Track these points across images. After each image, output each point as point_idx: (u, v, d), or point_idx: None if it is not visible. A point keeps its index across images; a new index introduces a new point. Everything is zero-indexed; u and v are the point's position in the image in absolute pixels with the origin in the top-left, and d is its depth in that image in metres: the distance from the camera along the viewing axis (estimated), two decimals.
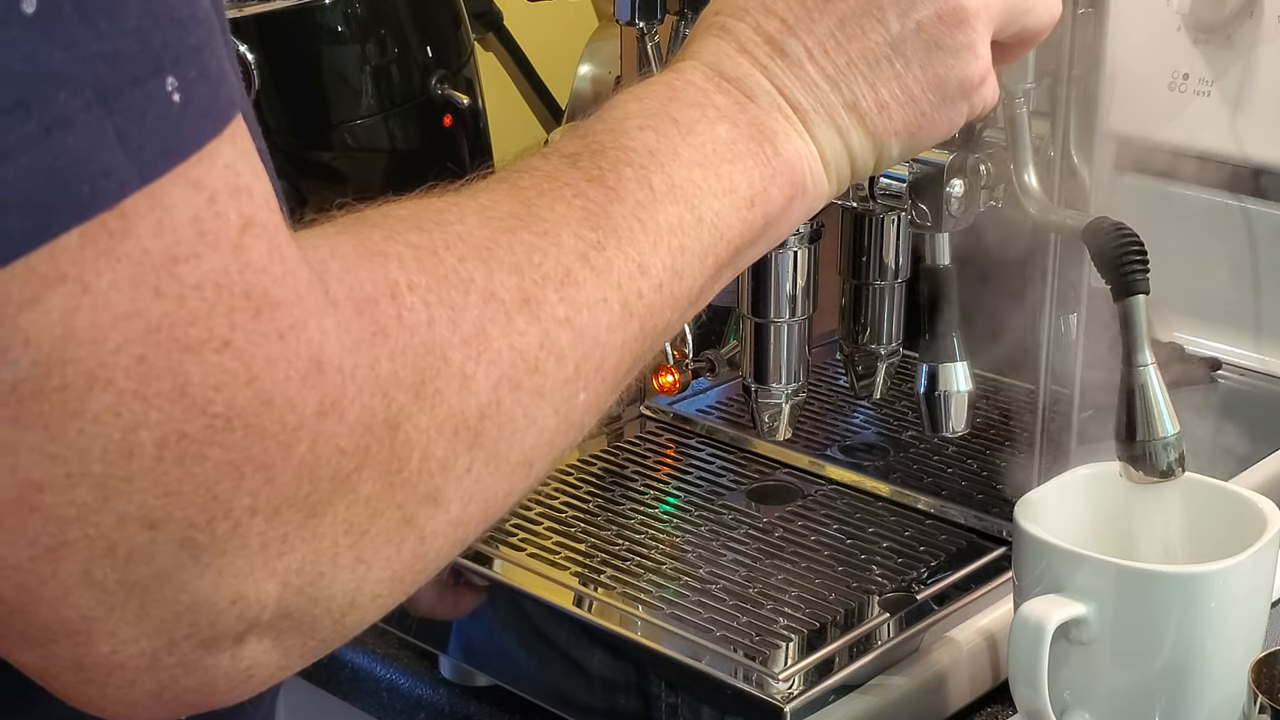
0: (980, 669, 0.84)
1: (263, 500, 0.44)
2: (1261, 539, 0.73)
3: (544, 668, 0.86)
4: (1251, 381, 1.09)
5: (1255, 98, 1.04)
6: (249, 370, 0.43)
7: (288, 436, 0.43)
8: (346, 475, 0.45)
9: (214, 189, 0.43)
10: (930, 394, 0.80)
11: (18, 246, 0.40)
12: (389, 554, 0.47)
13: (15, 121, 0.39)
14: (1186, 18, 1.05)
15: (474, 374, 0.49)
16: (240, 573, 0.44)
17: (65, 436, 0.41)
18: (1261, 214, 1.08)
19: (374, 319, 0.47)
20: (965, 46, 0.65)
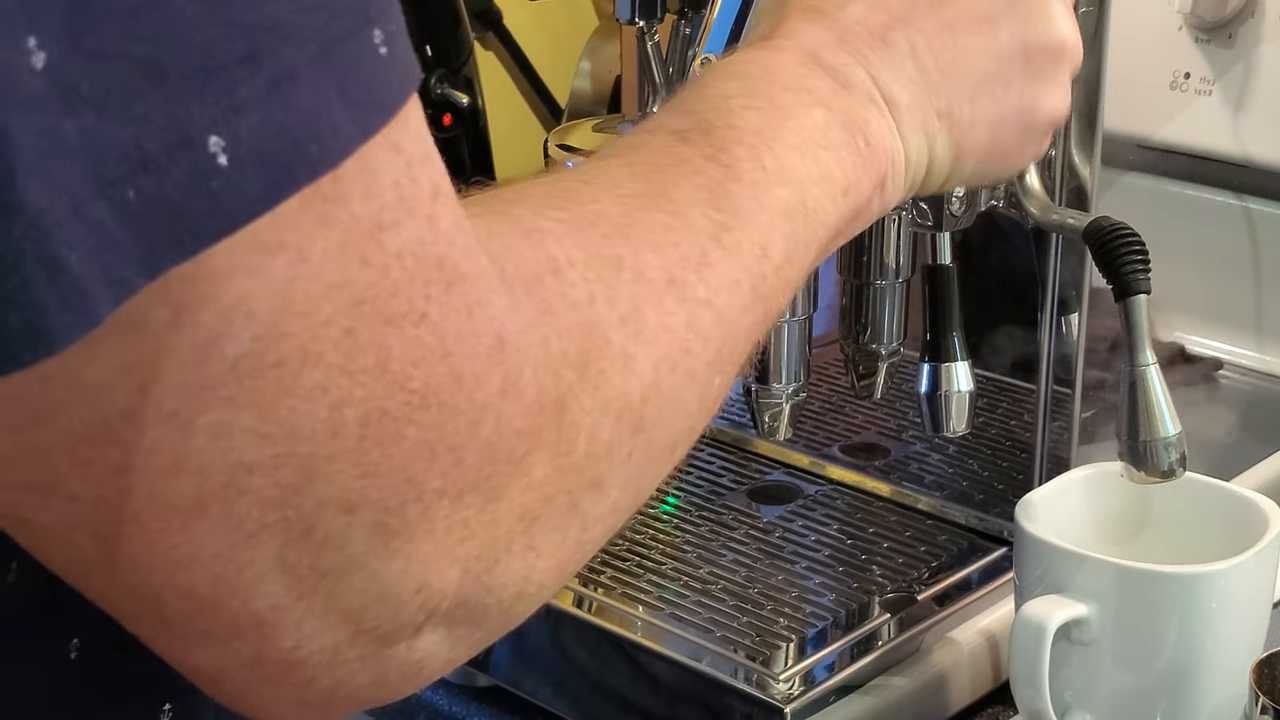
0: (981, 669, 0.84)
1: (451, 482, 0.42)
2: (1263, 539, 0.73)
3: (544, 668, 0.86)
4: (1253, 381, 1.09)
5: (1257, 97, 1.04)
6: (443, 345, 0.42)
7: (476, 415, 0.42)
8: (521, 458, 0.44)
9: (410, 153, 0.42)
10: (931, 394, 0.80)
11: (251, 208, 0.38)
12: (556, 540, 0.47)
13: (246, 74, 0.38)
14: (1188, 17, 1.04)
15: (635, 354, 0.48)
16: (426, 559, 0.43)
17: (277, 415, 0.40)
18: (1263, 214, 1.08)
19: (541, 296, 0.45)
20: (1061, 82, 0.65)
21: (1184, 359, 1.10)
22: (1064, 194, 0.82)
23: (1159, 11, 1.06)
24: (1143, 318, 0.72)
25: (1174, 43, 1.06)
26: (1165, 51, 1.06)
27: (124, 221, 0.37)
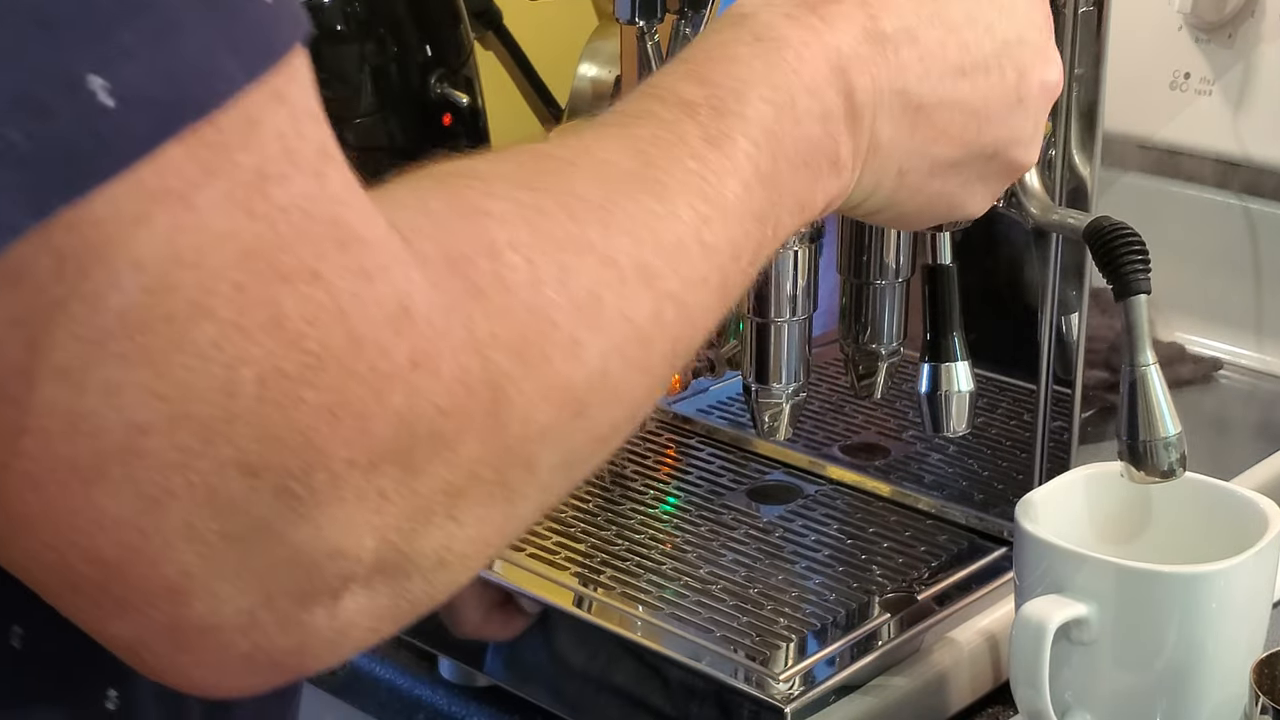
0: (981, 669, 0.84)
1: (360, 451, 0.42)
2: (1263, 539, 0.73)
3: (544, 668, 0.86)
4: (1253, 381, 1.09)
5: (1257, 97, 1.04)
6: (338, 305, 0.41)
7: (381, 384, 0.42)
8: (446, 435, 0.44)
9: (296, 106, 0.42)
10: (931, 394, 0.80)
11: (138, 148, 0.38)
12: (480, 515, 0.46)
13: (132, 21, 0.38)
14: (1188, 17, 1.04)
15: (584, 341, 0.47)
16: (339, 526, 0.43)
17: (171, 373, 0.40)
18: (1263, 213, 1.08)
19: (469, 277, 0.45)
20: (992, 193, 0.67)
21: (1184, 359, 1.10)
22: (1064, 194, 0.82)
23: (1159, 11, 1.06)
24: (1143, 318, 0.72)
25: (1174, 42, 1.06)
26: (1165, 51, 1.06)
27: (11, 164, 0.37)
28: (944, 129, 0.61)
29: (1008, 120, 0.63)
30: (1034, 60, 0.64)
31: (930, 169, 0.62)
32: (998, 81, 0.63)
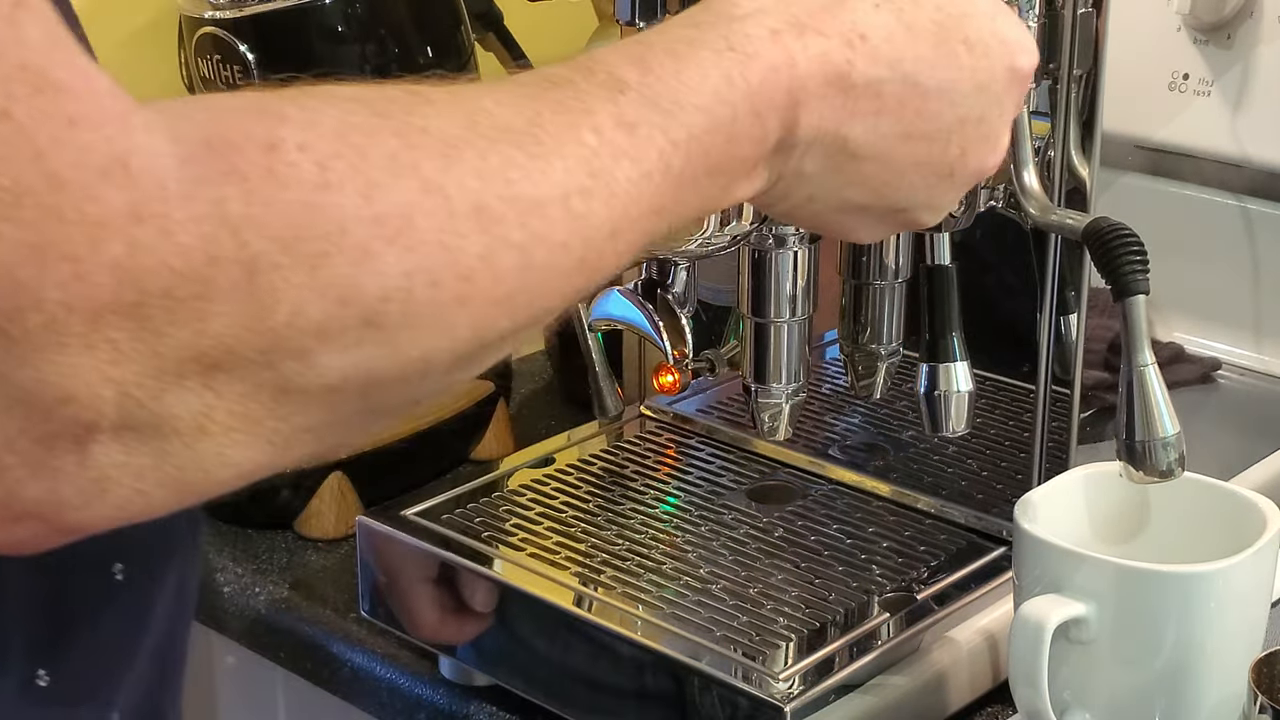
0: (980, 669, 0.84)
1: (76, 296, 0.43)
2: (1261, 539, 0.73)
3: (544, 668, 0.86)
4: (1251, 381, 1.09)
5: (1255, 98, 1.04)
6: (33, 145, 0.42)
7: (91, 230, 0.43)
8: (186, 300, 0.45)
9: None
10: (930, 394, 0.80)
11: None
12: (243, 391, 0.47)
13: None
14: (1186, 18, 1.05)
15: (380, 253, 0.47)
16: (65, 372, 0.44)
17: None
18: (1261, 214, 1.08)
19: (228, 160, 0.46)
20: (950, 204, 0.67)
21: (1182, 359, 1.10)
22: (1063, 194, 0.82)
23: (1157, 12, 1.06)
24: (1141, 318, 0.72)
25: (1172, 43, 1.06)
26: (1164, 52, 1.06)
27: None
28: (866, 178, 0.62)
29: (931, 189, 0.64)
30: (982, 144, 0.64)
31: (839, 206, 0.63)
32: (938, 152, 0.63)
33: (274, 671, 1.06)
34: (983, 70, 0.63)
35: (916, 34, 0.61)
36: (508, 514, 0.94)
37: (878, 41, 0.60)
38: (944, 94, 0.62)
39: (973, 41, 0.63)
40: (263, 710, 1.10)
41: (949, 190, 0.65)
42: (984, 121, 0.63)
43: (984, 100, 0.63)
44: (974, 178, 0.65)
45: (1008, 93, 0.64)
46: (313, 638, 0.99)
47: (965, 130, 0.63)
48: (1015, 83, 0.64)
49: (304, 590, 1.02)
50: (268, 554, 1.07)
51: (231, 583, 1.04)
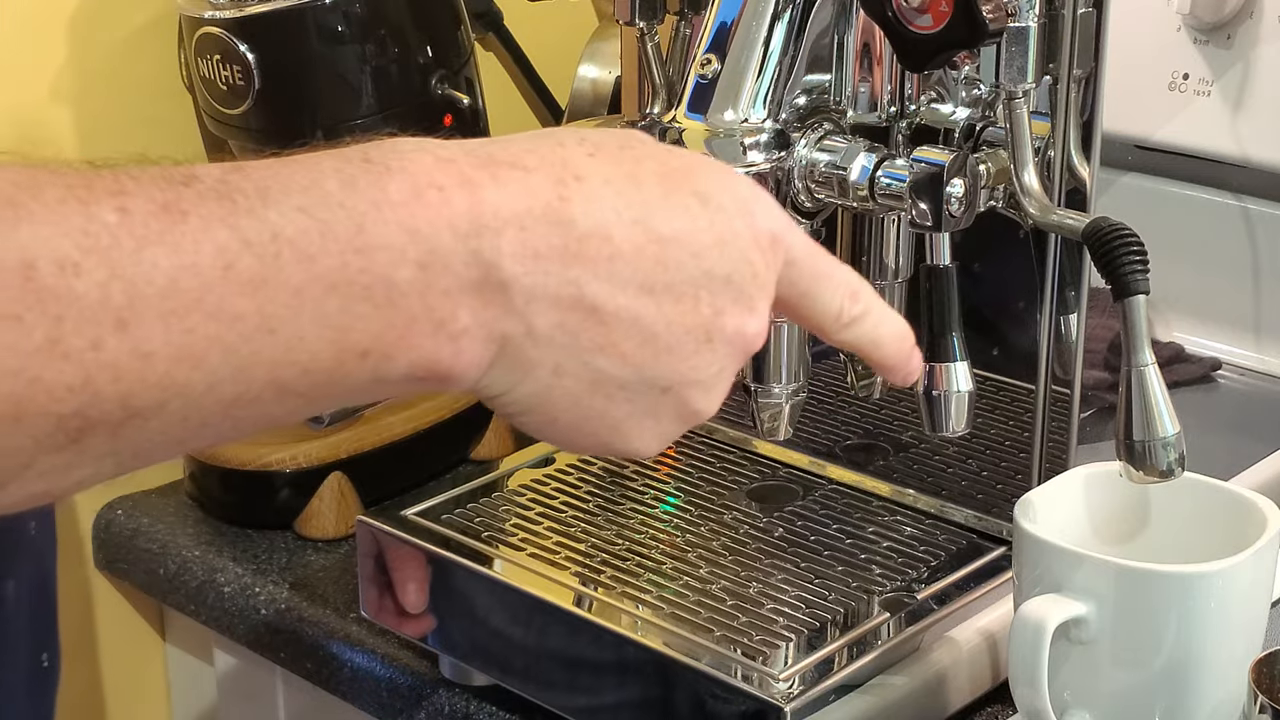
0: (980, 669, 0.84)
1: None
2: (1261, 539, 0.73)
3: (544, 668, 0.86)
4: (1251, 381, 1.09)
5: (1255, 98, 1.04)
6: None
7: None
8: None
9: None
10: (930, 394, 0.80)
11: None
12: None
13: None
14: (1186, 18, 1.05)
15: None
16: None
17: None
18: (1261, 214, 1.08)
19: None
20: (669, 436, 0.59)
21: (1182, 359, 1.10)
22: (1063, 194, 0.82)
23: (1157, 12, 1.06)
24: (1141, 318, 0.72)
25: (1172, 43, 1.06)
26: (1164, 52, 1.06)
27: None
28: (616, 342, 0.55)
29: (690, 356, 0.56)
30: (735, 304, 0.57)
31: (594, 382, 0.55)
32: (689, 311, 0.56)
33: (274, 671, 1.07)
34: (720, 224, 0.56)
35: (640, 182, 0.55)
36: (508, 514, 0.94)
37: (596, 184, 0.54)
38: (683, 244, 0.55)
39: (704, 194, 0.56)
40: (263, 710, 1.10)
41: (712, 359, 0.57)
42: (732, 281, 0.56)
43: (729, 257, 0.56)
44: (735, 345, 0.57)
45: (755, 251, 0.57)
46: (313, 638, 0.99)
47: (714, 287, 0.56)
48: (759, 245, 0.57)
49: (304, 590, 1.02)
50: (268, 554, 1.07)
51: (231, 583, 1.04)
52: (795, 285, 0.59)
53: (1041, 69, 0.78)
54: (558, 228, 0.53)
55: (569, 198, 0.53)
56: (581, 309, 0.54)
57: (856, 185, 0.78)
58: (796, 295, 0.60)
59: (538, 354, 0.54)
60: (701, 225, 0.56)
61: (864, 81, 0.82)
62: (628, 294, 0.55)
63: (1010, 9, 0.77)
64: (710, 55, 0.79)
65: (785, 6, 0.79)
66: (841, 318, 0.61)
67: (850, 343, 0.62)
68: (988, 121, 0.83)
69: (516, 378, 0.55)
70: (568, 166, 0.54)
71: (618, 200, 0.54)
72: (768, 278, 0.58)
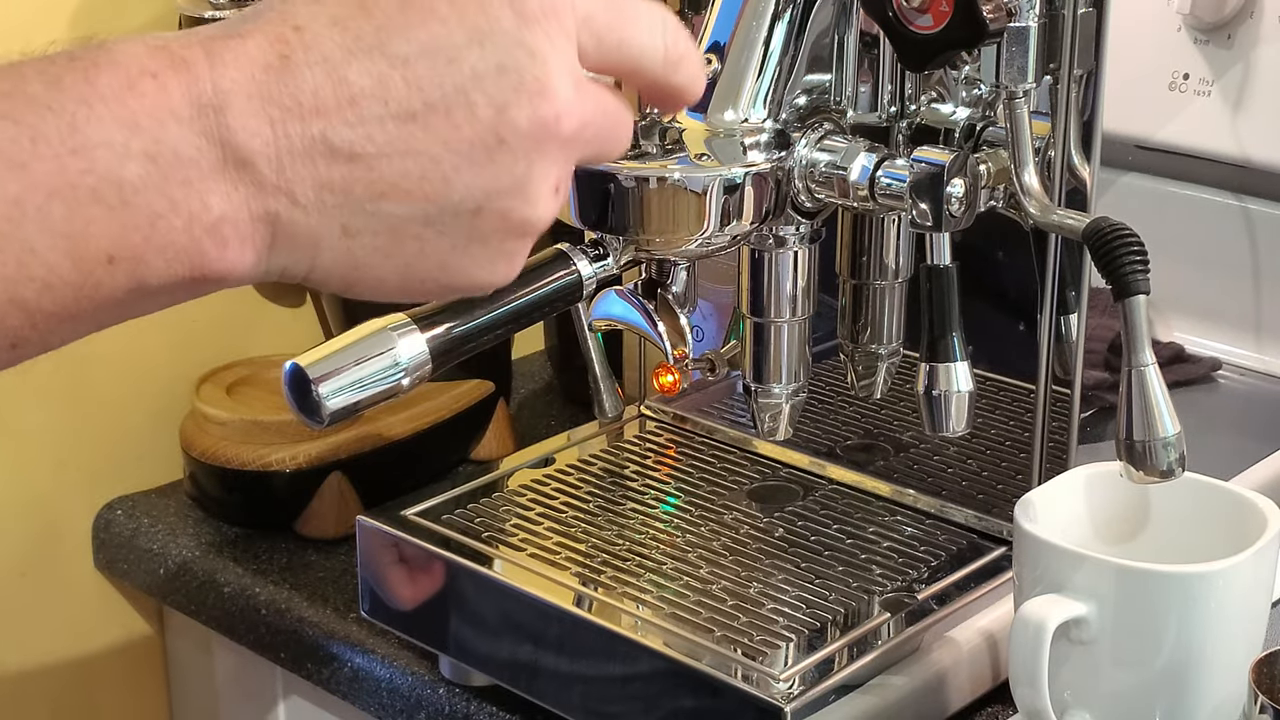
0: (980, 669, 0.84)
1: None
2: (1262, 539, 0.73)
3: (544, 668, 0.86)
4: (1252, 381, 1.09)
5: (1256, 98, 1.04)
6: None
7: None
8: None
9: None
10: (931, 394, 0.80)
11: None
12: None
13: None
14: (1187, 18, 1.05)
15: None
16: None
17: None
18: (1261, 214, 1.08)
19: None
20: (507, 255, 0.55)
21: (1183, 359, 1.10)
22: (1063, 194, 0.82)
23: (1158, 12, 1.06)
24: (1142, 318, 0.72)
25: (1173, 43, 1.06)
26: (1164, 52, 1.06)
27: None
28: (395, 182, 0.51)
29: (486, 166, 0.52)
30: (517, 93, 0.52)
31: (392, 230, 0.52)
32: (464, 121, 0.51)
33: (274, 671, 1.07)
34: (472, 16, 0.52)
35: (371, 8, 0.51)
36: (508, 514, 0.94)
37: (320, 28, 0.51)
38: (432, 54, 0.51)
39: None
40: (263, 710, 1.10)
41: (514, 160, 0.52)
42: (506, 70, 0.51)
43: (493, 47, 0.51)
44: (535, 136, 0.53)
45: (525, 28, 0.52)
46: (313, 638, 0.99)
47: (485, 86, 0.51)
48: (527, 19, 0.52)
49: (304, 590, 1.02)
50: (268, 554, 1.07)
51: (231, 583, 1.04)
52: (603, 40, 0.55)
53: (1042, 69, 0.78)
54: (285, 86, 0.50)
55: (290, 53, 0.50)
56: (340, 161, 0.50)
57: (857, 185, 0.78)
58: (613, 53, 0.55)
59: (315, 221, 0.51)
60: (450, 26, 0.51)
61: (864, 81, 0.82)
62: (386, 129, 0.51)
63: (1011, 9, 0.76)
64: (711, 55, 0.79)
65: (785, 6, 0.78)
66: (670, 58, 0.57)
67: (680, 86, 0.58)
68: (988, 121, 0.83)
69: (307, 252, 0.52)
70: (286, 20, 0.51)
71: (345, 37, 0.50)
72: (554, 49, 0.53)
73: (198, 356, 1.18)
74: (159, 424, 1.17)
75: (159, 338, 1.16)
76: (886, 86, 0.82)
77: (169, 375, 1.17)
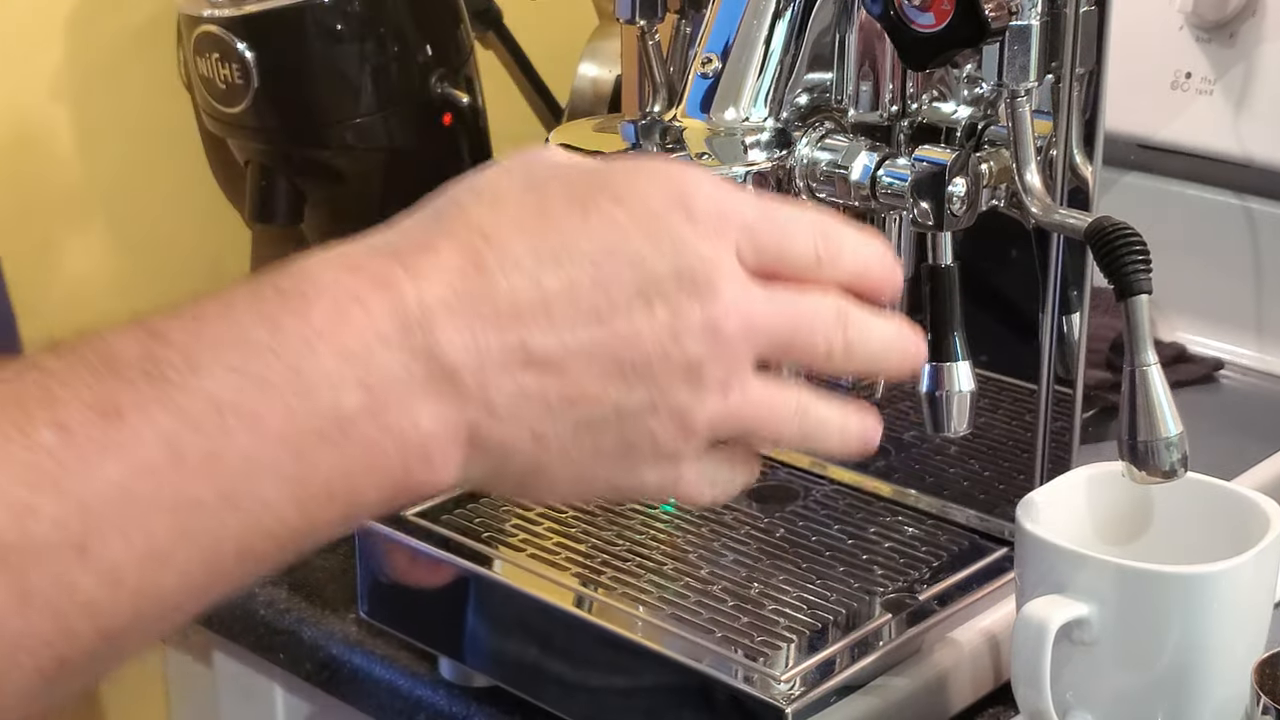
0: (982, 670, 0.84)
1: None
2: (1264, 539, 0.73)
3: (544, 668, 0.86)
4: (1254, 381, 1.09)
5: (1258, 97, 1.04)
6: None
7: None
8: None
9: None
10: (932, 394, 0.80)
11: None
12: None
13: None
14: (1189, 16, 1.04)
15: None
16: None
17: None
18: (1263, 213, 1.08)
19: None
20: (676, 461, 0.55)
21: (1185, 359, 1.10)
22: (1065, 193, 0.82)
23: (1160, 11, 1.06)
24: (1144, 317, 0.72)
25: (1175, 42, 1.06)
26: (1166, 51, 1.06)
27: None
28: (583, 386, 0.52)
29: (662, 364, 0.53)
30: (691, 295, 0.53)
31: (575, 432, 0.52)
32: (644, 323, 0.52)
33: (274, 672, 1.06)
34: (647, 220, 0.52)
35: (551, 212, 0.52)
36: (508, 514, 0.93)
37: (507, 235, 0.51)
38: (614, 256, 0.52)
39: (621, 197, 0.53)
40: (262, 711, 1.10)
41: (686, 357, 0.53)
42: (680, 273, 0.53)
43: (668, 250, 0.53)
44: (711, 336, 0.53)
45: (696, 233, 0.53)
46: (313, 638, 0.98)
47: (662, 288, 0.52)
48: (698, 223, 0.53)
49: (304, 591, 1.02)
50: None
51: None
52: (763, 249, 0.55)
53: (1044, 68, 0.78)
54: (484, 296, 0.50)
55: (484, 262, 0.51)
56: (534, 367, 0.51)
57: (858, 184, 0.78)
58: (771, 259, 0.55)
59: (509, 430, 0.51)
60: (628, 230, 0.52)
61: (865, 80, 0.82)
62: (575, 333, 0.51)
63: (1012, 7, 0.76)
64: (711, 54, 0.78)
65: (786, 5, 0.78)
66: (823, 258, 0.57)
67: (842, 279, 0.58)
68: (990, 120, 0.82)
69: (497, 460, 0.52)
70: (473, 228, 0.51)
71: (532, 241, 0.51)
72: (720, 253, 0.54)
73: None
74: None
75: None
76: (888, 85, 0.82)
77: None
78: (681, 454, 0.55)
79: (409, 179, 1.15)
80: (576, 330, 0.51)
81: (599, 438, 0.53)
